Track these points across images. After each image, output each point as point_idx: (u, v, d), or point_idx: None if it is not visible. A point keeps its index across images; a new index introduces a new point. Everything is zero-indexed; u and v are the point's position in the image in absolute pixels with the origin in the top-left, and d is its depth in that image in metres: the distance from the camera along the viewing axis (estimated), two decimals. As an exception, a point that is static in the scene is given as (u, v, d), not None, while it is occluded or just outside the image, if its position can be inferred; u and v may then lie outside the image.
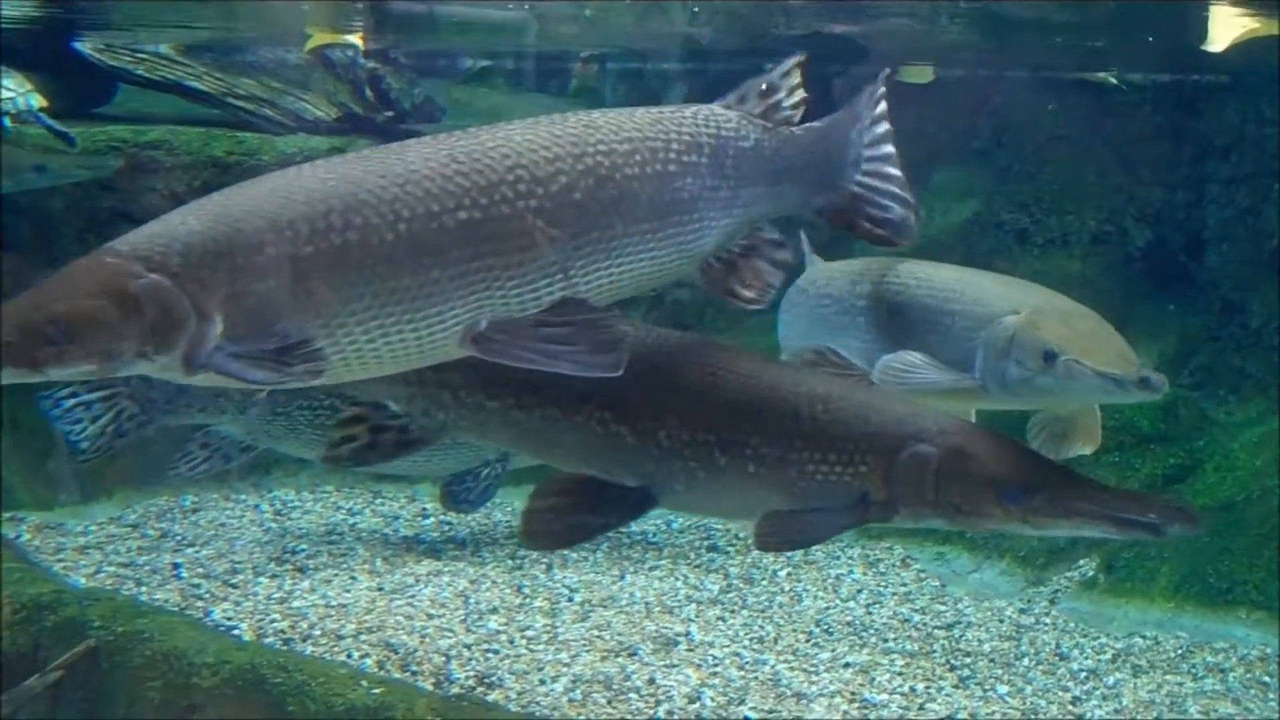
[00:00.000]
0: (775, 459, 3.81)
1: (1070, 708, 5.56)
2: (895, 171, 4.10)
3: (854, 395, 3.95)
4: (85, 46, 8.21)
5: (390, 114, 8.17)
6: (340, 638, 5.68)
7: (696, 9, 8.54)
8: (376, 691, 4.96)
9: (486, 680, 5.40)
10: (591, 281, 3.51)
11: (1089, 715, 5.51)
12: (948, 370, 4.60)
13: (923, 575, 7.10)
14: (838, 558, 7.27)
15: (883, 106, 4.14)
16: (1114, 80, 8.70)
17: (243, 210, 3.23)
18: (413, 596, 6.25)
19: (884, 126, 4.12)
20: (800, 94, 4.01)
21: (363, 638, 5.69)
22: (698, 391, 3.85)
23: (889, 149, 4.11)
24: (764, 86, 3.96)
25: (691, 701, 5.32)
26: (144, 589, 6.18)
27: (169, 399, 6.28)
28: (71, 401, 6.07)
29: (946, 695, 5.57)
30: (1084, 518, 3.71)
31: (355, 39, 8.42)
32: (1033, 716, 5.47)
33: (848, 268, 5.18)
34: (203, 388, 5.97)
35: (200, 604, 6.00)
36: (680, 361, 3.91)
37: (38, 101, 7.24)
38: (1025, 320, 4.50)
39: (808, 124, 4.03)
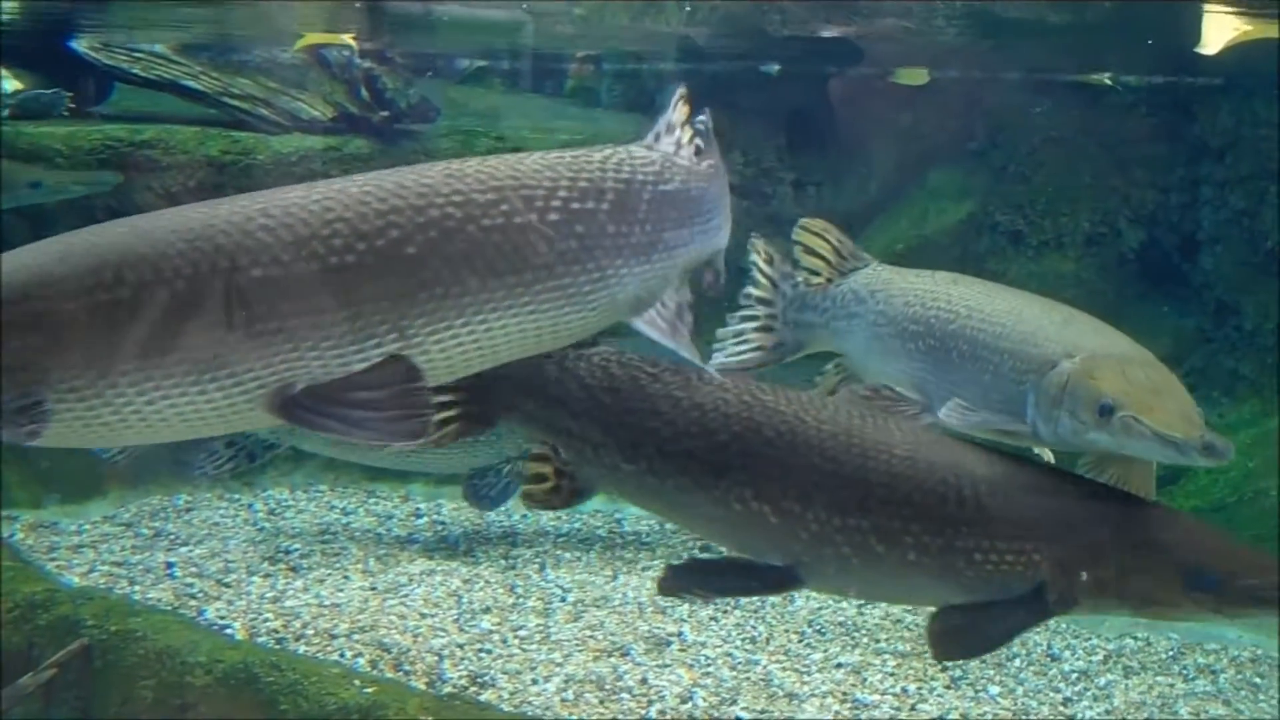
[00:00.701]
0: (938, 548, 3.55)
1: (1061, 708, 5.57)
2: None
3: (1020, 475, 3.69)
4: (81, 45, 8.22)
5: (386, 114, 8.16)
6: (333, 637, 5.69)
7: (689, 8, 8.54)
8: (369, 691, 4.97)
9: (479, 680, 5.41)
10: (446, 342, 3.23)
11: (1080, 716, 5.52)
12: (1000, 414, 4.29)
13: (916, 576, 7.10)
14: (831, 558, 7.28)
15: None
16: (1109, 82, 8.71)
17: (17, 263, 3.03)
18: (406, 596, 6.26)
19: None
20: (687, 130, 3.81)
21: (356, 637, 5.70)
22: (848, 472, 3.61)
23: None
24: (665, 125, 3.77)
25: (684, 701, 5.33)
26: (137, 588, 6.18)
27: None
28: None
29: (938, 696, 5.58)
30: None
31: (348, 39, 8.42)
32: (1024, 717, 5.48)
33: (905, 283, 4.89)
34: None
35: (193, 603, 6.01)
36: (827, 437, 3.67)
37: (11, 85, 7.26)
38: (1081, 368, 4.12)
39: (711, 161, 3.87)
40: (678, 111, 3.82)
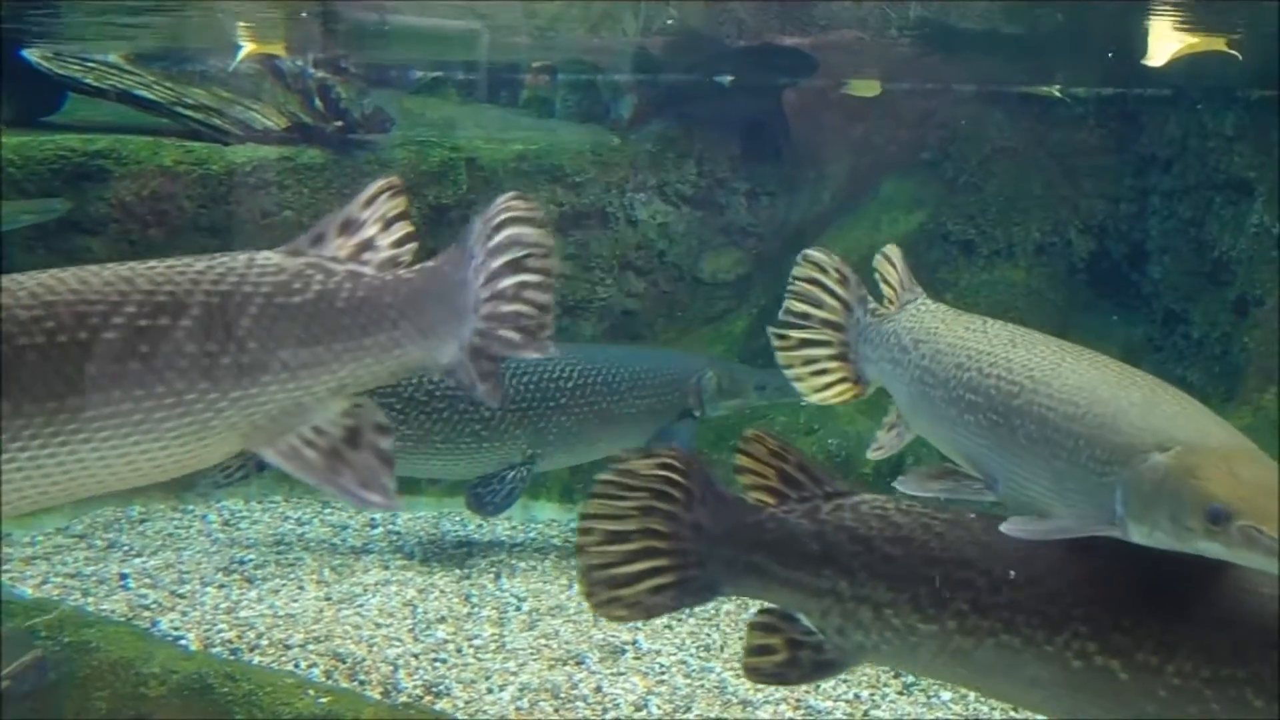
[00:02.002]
0: None
1: (1013, 713, 5.62)
2: (518, 309, 3.46)
3: None
4: (33, 55, 8.18)
5: (339, 124, 8.17)
6: (288, 647, 5.69)
7: (671, 18, 8.58)
8: (323, 700, 4.97)
9: (434, 689, 5.42)
10: None
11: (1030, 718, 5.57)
12: (1080, 519, 3.63)
13: (869, 583, 7.15)
14: (785, 566, 7.33)
15: (510, 232, 3.47)
16: (1058, 94, 8.81)
17: None
18: (360, 606, 6.27)
19: (507, 256, 3.46)
20: (401, 227, 3.38)
21: (310, 647, 5.70)
22: (1220, 615, 3.16)
23: (514, 280, 3.46)
24: (342, 222, 3.33)
25: (638, 710, 5.35)
26: (91, 599, 6.16)
27: None
28: None
29: (891, 702, 5.62)
30: None
31: (278, 49, 8.44)
32: (975, 722, 5.53)
33: (955, 338, 4.28)
34: None
35: (147, 614, 5.99)
36: (1187, 578, 3.22)
37: None
38: (1180, 464, 3.46)
39: (421, 264, 3.39)
40: (374, 206, 3.37)
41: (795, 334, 4.81)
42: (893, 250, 4.79)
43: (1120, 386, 3.81)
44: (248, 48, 8.54)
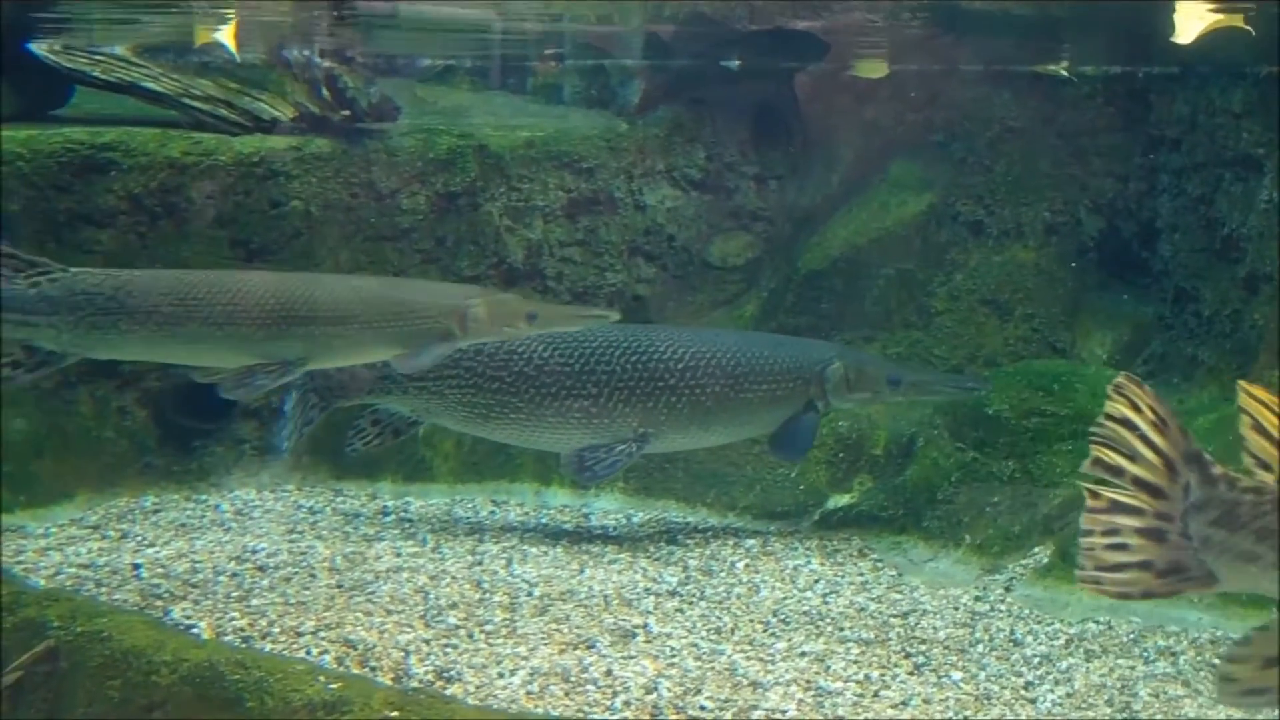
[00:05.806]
0: None
1: (1023, 692, 5.62)
2: None
3: None
4: (40, 48, 8.21)
5: (347, 113, 8.18)
6: (299, 635, 5.71)
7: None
8: (334, 686, 4.98)
9: (445, 675, 5.44)
10: None
11: (1041, 699, 5.57)
12: None
13: (879, 565, 7.16)
14: (795, 548, 7.33)
15: None
16: (1064, 73, 8.79)
17: None
18: (372, 593, 6.29)
19: None
20: None
21: (322, 634, 5.72)
22: None
23: None
24: None
25: (648, 692, 5.36)
26: (104, 589, 6.19)
27: (342, 385, 6.88)
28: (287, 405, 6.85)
29: (901, 682, 5.63)
30: None
31: (222, 36, 8.50)
32: (986, 701, 5.52)
33: None
34: (370, 373, 6.87)
35: (160, 603, 6.02)
36: None
37: None
38: None
39: None
40: None
41: (1108, 492, 3.62)
42: (1266, 393, 3.36)
43: None
44: (201, 33, 8.61)
